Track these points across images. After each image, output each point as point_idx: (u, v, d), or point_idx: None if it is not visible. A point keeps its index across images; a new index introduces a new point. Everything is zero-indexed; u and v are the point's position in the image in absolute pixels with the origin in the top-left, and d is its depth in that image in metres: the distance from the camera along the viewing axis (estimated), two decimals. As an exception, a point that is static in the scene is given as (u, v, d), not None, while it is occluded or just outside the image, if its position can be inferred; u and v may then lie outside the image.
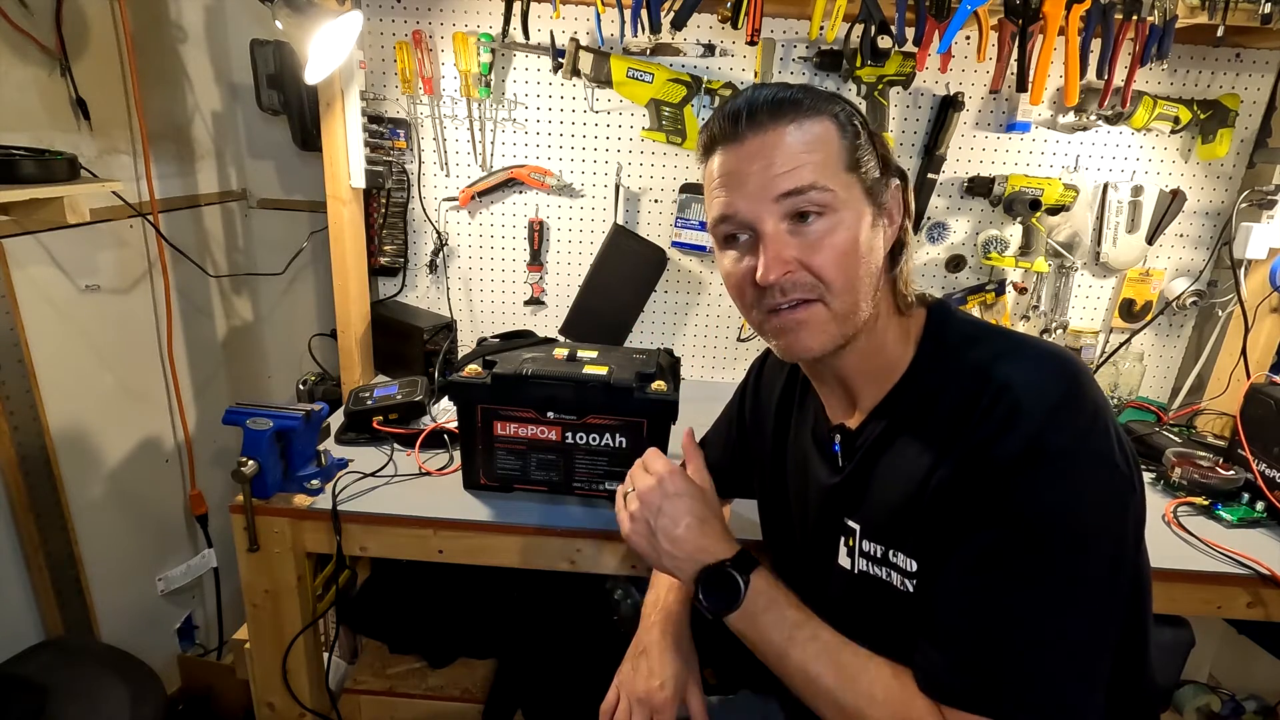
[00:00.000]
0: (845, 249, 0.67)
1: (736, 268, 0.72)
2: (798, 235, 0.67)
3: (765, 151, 0.67)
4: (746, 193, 0.68)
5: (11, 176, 1.08)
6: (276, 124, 1.67)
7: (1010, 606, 0.61)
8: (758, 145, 0.67)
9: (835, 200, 0.67)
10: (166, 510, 1.66)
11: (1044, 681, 0.60)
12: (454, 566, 1.15)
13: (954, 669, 0.63)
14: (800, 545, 0.86)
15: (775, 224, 0.67)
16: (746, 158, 0.68)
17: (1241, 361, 1.51)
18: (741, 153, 0.68)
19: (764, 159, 0.67)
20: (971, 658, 0.62)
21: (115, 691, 1.21)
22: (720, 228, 0.72)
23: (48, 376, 1.31)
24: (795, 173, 0.66)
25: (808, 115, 0.68)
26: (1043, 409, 0.61)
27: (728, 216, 0.70)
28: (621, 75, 1.47)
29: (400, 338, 1.65)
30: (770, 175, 0.66)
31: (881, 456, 0.73)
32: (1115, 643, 0.65)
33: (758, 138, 0.67)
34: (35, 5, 1.24)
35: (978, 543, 0.63)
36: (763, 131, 0.67)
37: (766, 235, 0.67)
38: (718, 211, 0.71)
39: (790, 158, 0.66)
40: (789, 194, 0.66)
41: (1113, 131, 1.55)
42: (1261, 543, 1.13)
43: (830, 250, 0.67)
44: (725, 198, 0.69)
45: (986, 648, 0.62)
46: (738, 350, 1.78)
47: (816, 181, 0.66)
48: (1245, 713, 1.50)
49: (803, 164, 0.66)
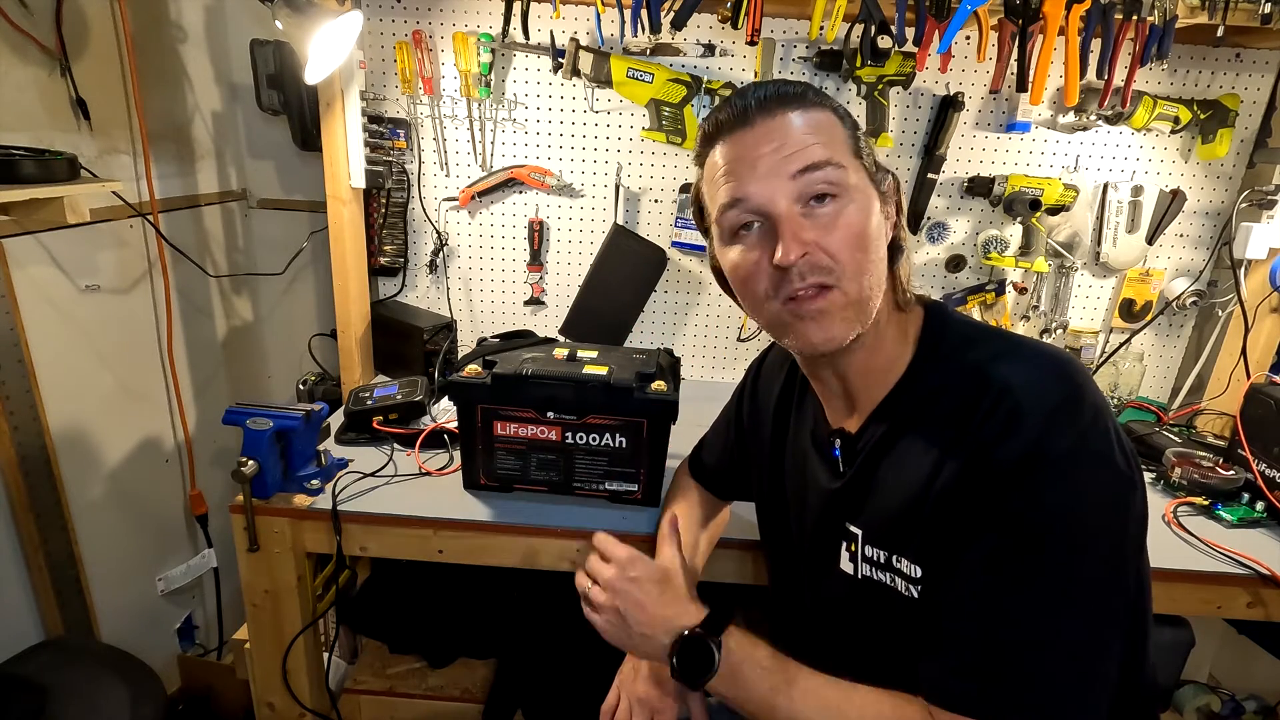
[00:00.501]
0: (859, 230, 0.67)
1: (746, 259, 0.70)
2: (811, 218, 0.67)
3: (777, 133, 0.67)
4: (758, 175, 0.67)
5: (11, 176, 1.08)
6: (276, 124, 1.67)
7: (1012, 610, 0.61)
8: (767, 128, 0.67)
9: (847, 180, 0.67)
10: (166, 510, 1.66)
11: (1045, 684, 0.60)
12: (454, 566, 1.15)
13: (955, 674, 0.63)
14: (799, 547, 0.85)
15: (790, 205, 0.67)
16: (755, 142, 0.67)
17: (1241, 361, 1.50)
18: (750, 137, 0.68)
19: (775, 141, 0.67)
20: (972, 662, 0.62)
21: (115, 691, 1.21)
22: (729, 215, 0.70)
23: (48, 376, 1.31)
24: (808, 150, 0.66)
25: (811, 105, 0.69)
26: (1043, 412, 0.61)
27: (739, 200, 0.68)
28: (621, 75, 1.47)
29: (400, 338, 1.65)
30: (783, 155, 0.66)
31: (883, 461, 0.73)
32: (1119, 644, 0.65)
33: (766, 122, 0.67)
34: (35, 5, 1.24)
35: (980, 548, 0.63)
36: (771, 116, 0.67)
37: (782, 216, 0.66)
38: (726, 197, 0.69)
39: (801, 138, 0.67)
40: (805, 170, 0.66)
41: (1113, 131, 1.55)
42: (1261, 543, 1.13)
43: (845, 231, 0.66)
44: (734, 182, 0.68)
45: (987, 652, 0.62)
46: (738, 350, 1.78)
47: (831, 158, 0.66)
48: (1245, 713, 1.50)
49: (814, 143, 0.67)
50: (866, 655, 0.75)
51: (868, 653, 0.76)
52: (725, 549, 1.10)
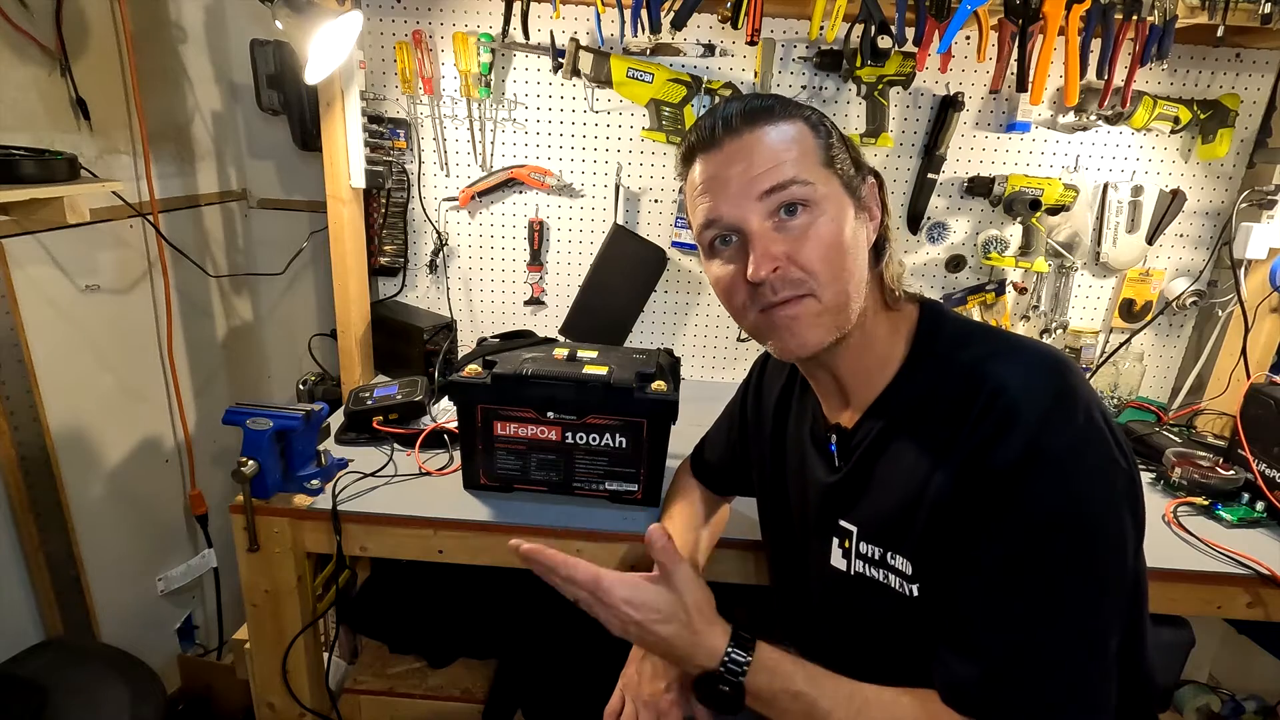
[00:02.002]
0: (831, 241, 0.68)
1: (725, 271, 0.72)
2: (783, 231, 0.68)
3: (743, 154, 0.69)
4: (729, 195, 0.69)
5: (11, 176, 1.08)
6: (276, 124, 1.67)
7: (1033, 614, 0.62)
8: (735, 148, 0.69)
9: (816, 194, 0.68)
10: (166, 510, 1.66)
11: (1068, 687, 0.62)
12: (454, 566, 1.15)
13: (984, 683, 0.63)
14: (799, 544, 0.86)
15: (760, 222, 0.68)
16: (725, 162, 0.69)
17: (1241, 361, 1.50)
18: (720, 157, 0.70)
19: (743, 161, 0.68)
20: (1001, 670, 0.63)
21: (115, 691, 1.21)
22: (706, 233, 0.72)
23: (48, 376, 1.31)
24: (775, 170, 0.67)
25: (780, 118, 0.70)
26: (1037, 412, 0.62)
27: (713, 221, 0.71)
28: (621, 75, 1.47)
29: (400, 338, 1.65)
30: (751, 175, 0.68)
31: (878, 458, 0.73)
32: (1120, 640, 0.66)
33: (734, 142, 0.69)
34: (35, 5, 1.23)
35: (993, 553, 0.63)
36: (738, 136, 0.69)
37: (753, 233, 0.68)
38: (702, 218, 0.72)
39: (768, 157, 0.68)
40: (771, 190, 0.67)
41: (1113, 131, 1.55)
42: (1261, 543, 1.13)
43: (816, 242, 0.68)
44: (709, 202, 0.70)
45: (1015, 659, 0.62)
46: (738, 350, 1.78)
47: (797, 176, 0.67)
48: (1245, 713, 1.50)
49: (781, 161, 0.68)
50: (866, 651, 0.76)
51: (867, 648, 0.76)
52: (725, 549, 1.10)
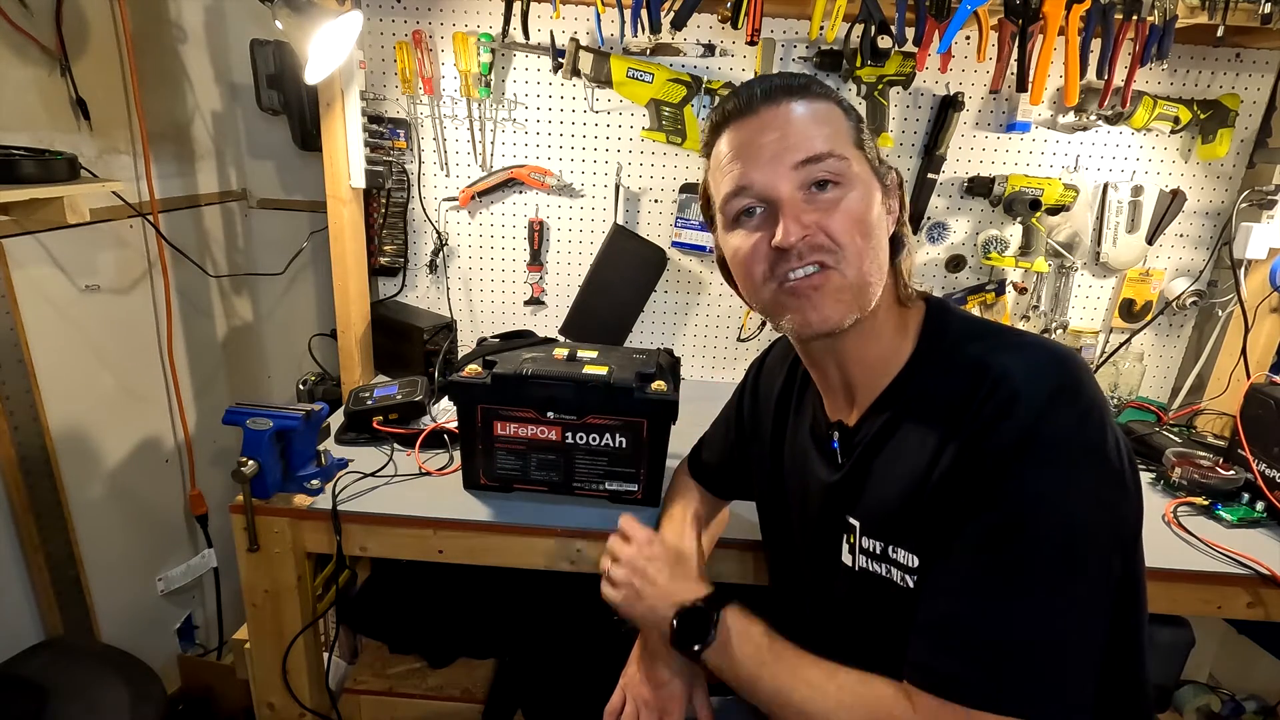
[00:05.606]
0: (859, 215, 0.68)
1: (747, 242, 0.72)
2: (813, 202, 0.69)
3: (779, 123, 0.69)
4: (762, 162, 0.69)
5: (11, 176, 1.08)
6: (276, 124, 1.67)
7: (994, 593, 0.61)
8: (771, 116, 0.69)
9: (849, 170, 0.69)
10: (166, 510, 1.66)
11: (1025, 669, 0.60)
12: (454, 566, 1.15)
13: (934, 656, 0.63)
14: (801, 544, 0.86)
15: (792, 190, 0.68)
16: (760, 129, 0.69)
17: (1241, 361, 1.51)
18: (755, 124, 0.70)
19: (779, 129, 0.69)
20: (952, 644, 0.62)
21: (115, 691, 1.21)
22: (733, 202, 0.72)
23: (48, 376, 1.31)
24: (811, 141, 0.68)
25: (816, 96, 0.71)
26: (1040, 399, 0.62)
27: (744, 188, 0.70)
28: (621, 75, 1.47)
29: (400, 338, 1.65)
30: (786, 144, 0.68)
31: (880, 453, 0.73)
32: (1104, 637, 0.64)
33: (771, 110, 0.69)
34: (35, 5, 1.24)
35: (969, 529, 0.63)
36: (775, 105, 0.69)
37: (784, 200, 0.68)
38: (731, 185, 0.71)
39: (804, 128, 0.69)
40: (806, 161, 0.68)
41: (1113, 131, 1.55)
42: (1261, 543, 1.13)
43: (846, 215, 0.68)
44: (740, 169, 0.70)
45: (966, 634, 0.62)
46: (738, 350, 1.78)
47: (833, 149, 0.68)
48: (1245, 713, 1.50)
49: (817, 134, 0.68)
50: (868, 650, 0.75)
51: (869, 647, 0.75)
52: (725, 549, 1.10)
